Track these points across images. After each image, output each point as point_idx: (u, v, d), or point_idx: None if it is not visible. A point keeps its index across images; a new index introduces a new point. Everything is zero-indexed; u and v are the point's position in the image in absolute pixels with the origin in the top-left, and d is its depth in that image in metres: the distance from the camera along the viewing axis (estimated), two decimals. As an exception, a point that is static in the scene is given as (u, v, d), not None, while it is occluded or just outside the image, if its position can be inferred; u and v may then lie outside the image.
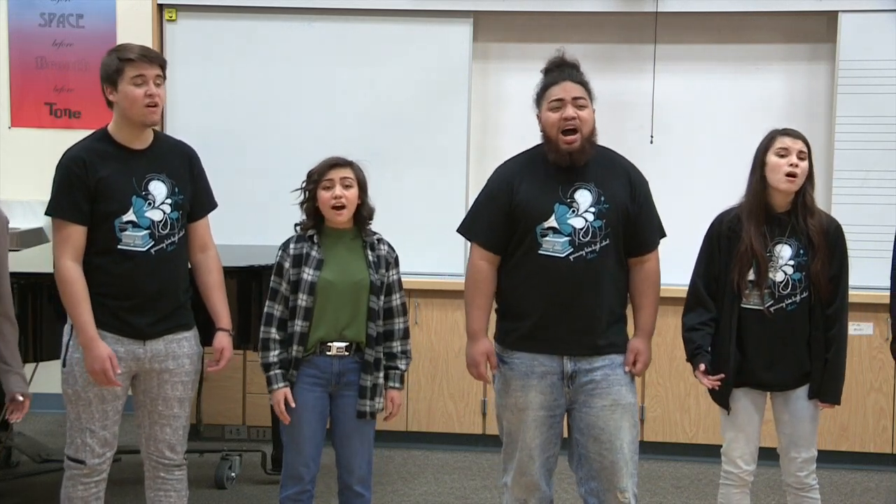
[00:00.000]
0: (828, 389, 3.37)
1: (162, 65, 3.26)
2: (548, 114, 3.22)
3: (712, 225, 3.49)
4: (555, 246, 3.19)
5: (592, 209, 3.21)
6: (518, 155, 3.38)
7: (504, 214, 3.25)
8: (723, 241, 3.42)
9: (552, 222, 3.20)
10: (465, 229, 3.38)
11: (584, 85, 3.26)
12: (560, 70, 3.28)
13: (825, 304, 3.36)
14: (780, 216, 3.38)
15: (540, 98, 3.27)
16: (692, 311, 3.47)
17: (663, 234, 3.41)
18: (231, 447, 4.99)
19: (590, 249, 3.20)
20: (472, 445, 5.22)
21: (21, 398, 3.11)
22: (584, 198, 3.22)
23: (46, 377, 4.76)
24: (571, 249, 3.19)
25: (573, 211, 3.21)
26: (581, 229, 3.20)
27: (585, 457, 3.29)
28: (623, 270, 3.30)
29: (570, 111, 3.18)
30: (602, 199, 3.22)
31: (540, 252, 3.20)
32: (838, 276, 3.37)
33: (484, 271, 3.30)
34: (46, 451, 4.71)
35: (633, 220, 3.26)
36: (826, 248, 3.34)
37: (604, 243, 3.21)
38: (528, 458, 3.30)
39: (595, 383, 3.24)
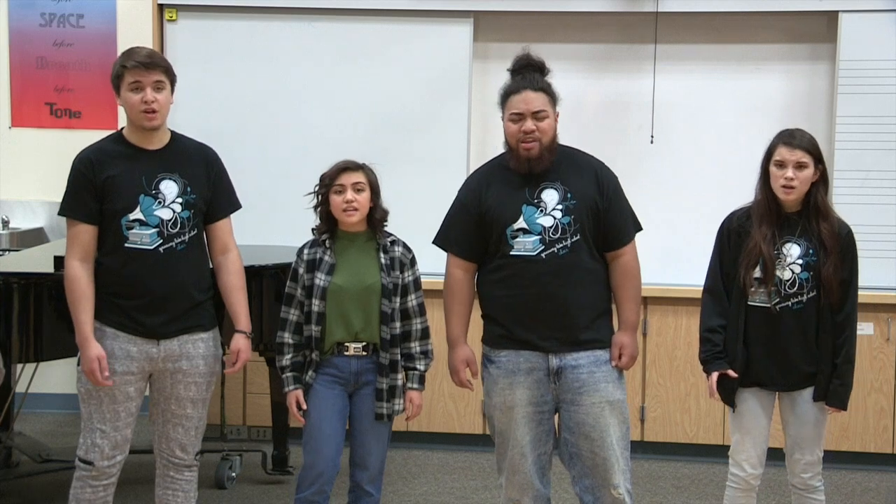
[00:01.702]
0: (835, 394, 3.36)
1: (165, 69, 3.26)
2: (508, 124, 3.28)
3: (723, 222, 3.49)
4: (526, 245, 3.24)
5: (560, 206, 3.25)
6: (485, 163, 3.45)
7: (475, 223, 3.32)
8: (732, 237, 3.42)
9: (521, 223, 3.25)
10: (440, 240, 3.44)
11: (546, 90, 3.28)
12: (522, 75, 3.31)
13: (835, 308, 3.35)
14: (790, 216, 3.38)
15: (503, 103, 3.32)
16: (711, 310, 3.44)
17: (639, 228, 3.41)
18: (231, 447, 4.98)
19: (561, 245, 3.23)
20: (473, 445, 5.23)
21: None
22: (550, 196, 3.27)
23: (47, 377, 4.78)
24: (542, 247, 3.23)
25: (541, 210, 3.25)
26: (550, 227, 3.24)
27: (577, 455, 3.31)
28: (600, 265, 3.33)
29: (529, 125, 3.23)
30: (569, 195, 3.26)
31: (512, 253, 3.25)
32: (848, 282, 3.36)
33: (460, 279, 3.37)
34: (47, 452, 4.70)
35: (602, 215, 3.29)
36: (837, 250, 3.33)
37: (574, 238, 3.25)
38: (520, 456, 3.31)
39: (581, 381, 3.26)
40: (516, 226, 3.25)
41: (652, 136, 5.20)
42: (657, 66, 5.18)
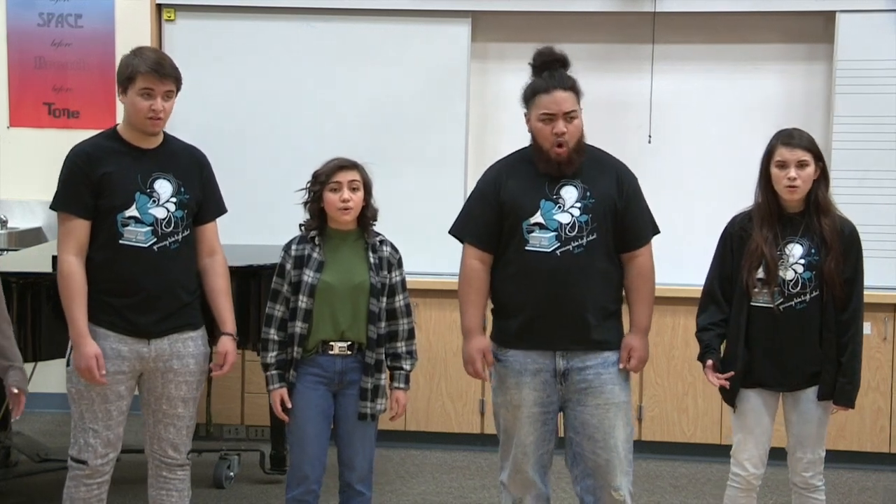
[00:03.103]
0: (842, 392, 3.37)
1: (176, 79, 3.26)
2: (538, 124, 3.25)
3: (726, 226, 3.50)
4: (541, 241, 3.23)
5: (578, 204, 3.25)
6: (506, 156, 3.43)
7: (494, 213, 3.30)
8: (735, 241, 3.43)
9: (538, 218, 3.24)
10: (458, 230, 3.42)
11: (574, 87, 3.26)
12: (550, 73, 3.27)
13: (839, 306, 3.35)
14: (792, 216, 3.39)
15: (529, 101, 3.28)
16: (704, 312, 3.48)
17: (656, 231, 3.42)
18: (230, 447, 5.00)
19: (577, 244, 3.23)
20: (471, 445, 5.24)
21: (16, 391, 3.02)
22: (569, 194, 3.26)
23: (45, 377, 4.77)
24: (558, 244, 3.23)
25: (559, 207, 3.24)
26: (567, 224, 3.23)
27: (580, 455, 3.31)
28: (614, 266, 3.32)
29: (560, 126, 3.21)
30: (588, 194, 3.26)
31: (527, 248, 3.24)
32: (853, 280, 3.36)
33: (477, 270, 3.34)
34: (45, 451, 4.72)
35: (621, 215, 3.29)
36: (840, 248, 3.33)
37: (591, 238, 3.24)
38: (522, 455, 3.33)
39: (588, 382, 3.26)
40: (533, 220, 3.24)
41: (650, 136, 5.21)
42: (655, 65, 5.20)
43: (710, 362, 3.41)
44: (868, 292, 4.81)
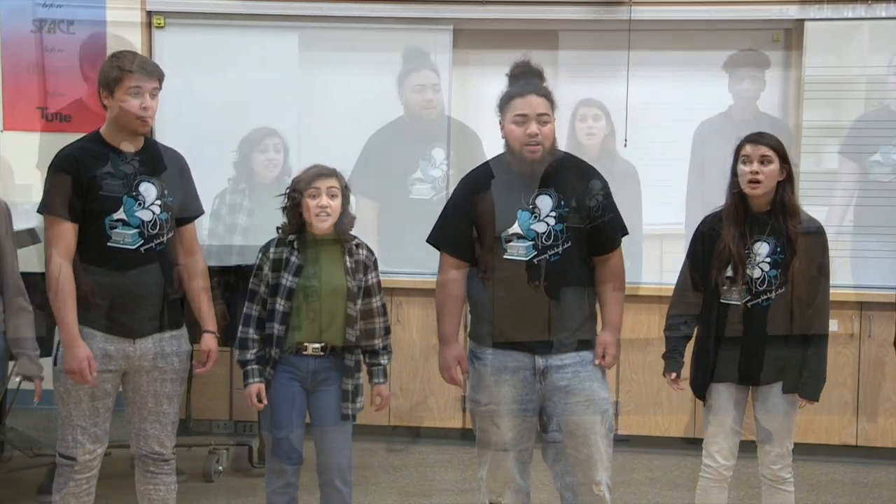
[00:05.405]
0: (806, 386, 3.46)
1: (160, 77, 3.32)
2: (512, 127, 3.30)
3: (698, 226, 3.59)
4: (519, 250, 3.28)
5: (553, 213, 3.30)
6: (481, 165, 3.48)
7: (469, 223, 3.35)
8: (706, 240, 3.51)
9: (516, 228, 3.29)
10: (435, 239, 3.46)
11: (548, 96, 3.33)
12: (526, 80, 3.35)
13: (804, 303, 3.44)
14: (760, 216, 3.46)
15: (504, 106, 3.34)
16: (673, 308, 3.58)
17: (625, 233, 3.48)
18: (218, 441, 5.05)
19: (553, 252, 3.28)
20: (453, 440, 5.31)
21: (17, 378, 3.15)
22: (545, 203, 3.31)
23: (39, 373, 4.86)
24: (535, 253, 3.28)
25: (535, 216, 3.29)
26: (543, 233, 3.29)
27: (562, 452, 3.37)
28: (589, 270, 3.38)
29: (533, 128, 3.26)
30: (562, 202, 3.31)
31: (505, 257, 3.29)
32: (817, 278, 3.45)
33: (453, 278, 3.40)
34: (38, 446, 4.75)
35: (594, 221, 3.35)
36: (805, 247, 3.42)
37: (566, 245, 3.29)
38: (503, 453, 3.39)
39: (567, 380, 3.32)
40: (511, 231, 3.29)
41: (626, 140, 5.31)
42: (630, 72, 5.28)
43: (673, 375, 3.55)
44: (837, 291, 4.93)
